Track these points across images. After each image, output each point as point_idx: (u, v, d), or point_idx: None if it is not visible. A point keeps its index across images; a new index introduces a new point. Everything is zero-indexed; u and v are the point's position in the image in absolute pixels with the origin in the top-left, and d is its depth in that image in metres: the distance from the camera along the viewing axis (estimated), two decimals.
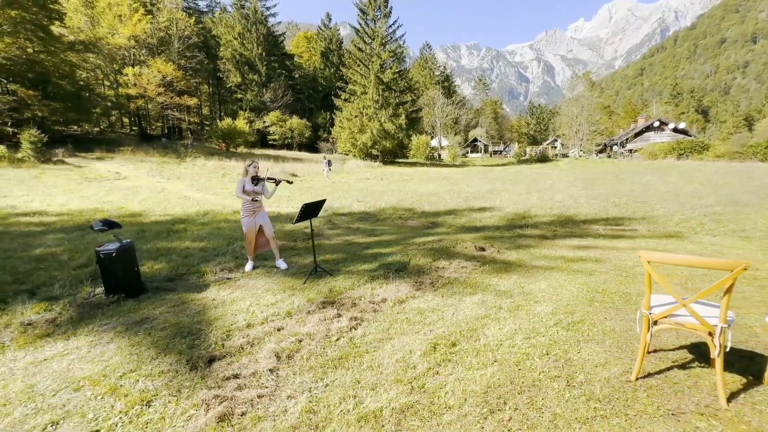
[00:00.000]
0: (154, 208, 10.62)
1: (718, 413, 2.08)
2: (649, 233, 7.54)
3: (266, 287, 4.53)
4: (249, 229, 5.10)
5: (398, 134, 35.04)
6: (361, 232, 7.88)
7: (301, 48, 60.01)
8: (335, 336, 3.26)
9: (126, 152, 26.50)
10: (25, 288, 4.47)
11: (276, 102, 47.05)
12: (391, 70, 35.38)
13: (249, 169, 5.14)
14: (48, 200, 10.94)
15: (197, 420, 2.23)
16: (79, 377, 2.74)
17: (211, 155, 29.96)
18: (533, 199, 13.19)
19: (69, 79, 29.50)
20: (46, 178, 15.56)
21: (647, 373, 2.52)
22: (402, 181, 21.39)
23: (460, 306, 3.86)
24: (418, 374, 2.63)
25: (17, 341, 3.31)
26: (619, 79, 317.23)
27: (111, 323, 3.64)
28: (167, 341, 3.23)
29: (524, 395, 2.30)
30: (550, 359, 2.74)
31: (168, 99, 37.00)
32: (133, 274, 4.34)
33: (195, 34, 45.11)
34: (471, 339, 3.12)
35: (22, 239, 6.81)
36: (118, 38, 37.04)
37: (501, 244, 6.54)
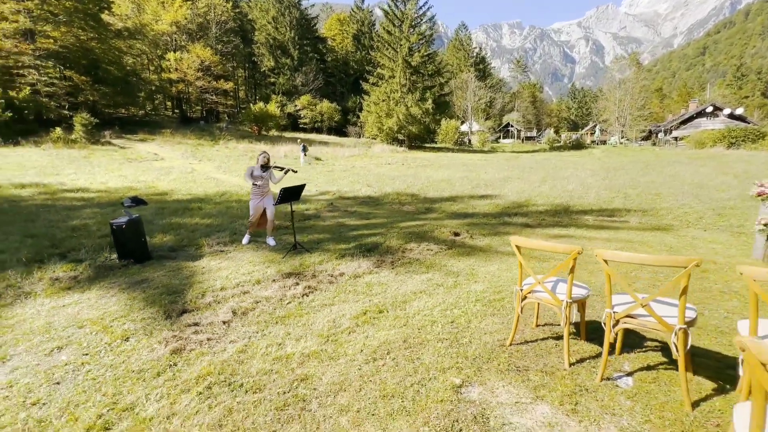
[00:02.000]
0: (180, 187, 11.73)
1: (557, 372, 2.50)
2: (638, 225, 7.57)
3: (250, 259, 5.24)
4: (255, 210, 5.84)
5: (425, 119, 34.89)
6: (356, 215, 8.46)
7: (333, 31, 60.21)
8: (288, 300, 3.89)
9: (166, 134, 28.43)
10: (59, 251, 5.45)
11: (307, 86, 47.93)
12: (420, 53, 35.00)
13: (259, 158, 5.83)
14: (91, 178, 12.36)
15: (157, 352, 2.94)
16: (84, 319, 3.55)
17: (242, 138, 31.44)
18: (543, 187, 13.16)
19: (117, 65, 31.74)
20: (93, 158, 17.29)
21: (524, 341, 2.95)
22: (420, 167, 21.64)
23: (407, 282, 4.37)
24: (338, 332, 3.20)
25: (46, 291, 4.20)
26: (677, 58, 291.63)
27: (117, 282, 4.47)
28: (155, 297, 3.99)
29: (408, 350, 2.82)
30: (451, 326, 3.21)
31: (206, 83, 38.80)
32: (140, 243, 5.18)
33: (232, 19, 46.58)
34: (397, 308, 3.64)
35: (64, 212, 7.97)
36: (161, 24, 39.04)
37: (480, 230, 6.89)
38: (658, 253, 5.50)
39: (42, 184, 10.83)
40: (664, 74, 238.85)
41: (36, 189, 10.26)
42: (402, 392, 2.29)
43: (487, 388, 2.33)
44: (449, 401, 2.19)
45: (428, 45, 36.59)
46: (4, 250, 5.42)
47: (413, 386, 2.35)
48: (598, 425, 1.99)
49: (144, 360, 2.84)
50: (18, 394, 2.47)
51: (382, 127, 35.86)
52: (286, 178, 6.30)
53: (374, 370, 2.56)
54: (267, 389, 2.41)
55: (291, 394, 2.34)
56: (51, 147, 19.11)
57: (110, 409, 2.30)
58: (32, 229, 6.55)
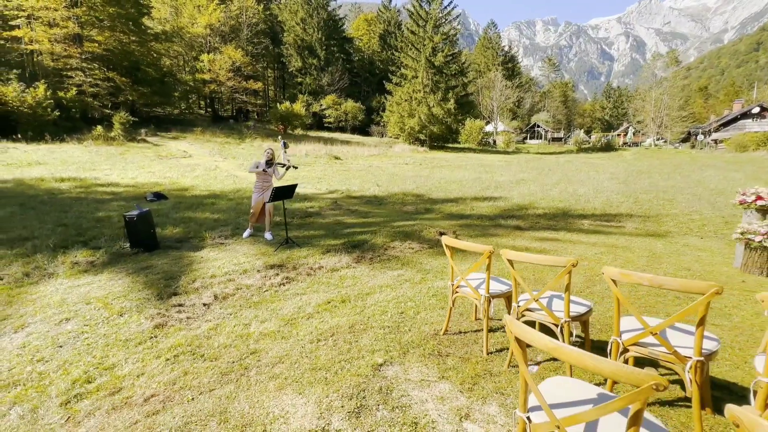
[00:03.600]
0: (201, 184, 12.57)
1: (473, 358, 2.79)
2: (633, 231, 7.54)
3: (244, 252, 5.76)
4: (256, 203, 6.39)
5: (446, 119, 34.88)
6: (356, 214, 8.87)
7: (361, 31, 60.94)
8: (266, 289, 4.35)
9: (197, 133, 29.95)
10: (82, 239, 6.19)
11: (333, 85, 48.87)
12: (443, 53, 34.99)
13: (265, 154, 6.39)
14: (123, 174, 13.44)
15: (143, 326, 3.46)
16: (91, 297, 4.15)
17: (268, 137, 32.61)
18: (553, 191, 13.08)
19: (155, 67, 33.71)
20: (128, 155, 18.64)
21: (459, 331, 3.25)
22: (437, 167, 21.80)
23: (379, 277, 4.73)
24: (299, 317, 3.61)
25: (66, 273, 4.87)
26: (726, 55, 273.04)
27: (126, 267, 5.09)
28: (154, 281, 4.56)
29: (350, 334, 3.19)
30: (399, 316, 3.55)
31: (236, 83, 40.44)
32: (149, 234, 5.80)
33: (262, 20, 48.23)
34: (359, 299, 4.01)
35: (94, 204, 8.86)
36: (197, 27, 41.02)
37: (469, 231, 7.13)
38: (638, 259, 5.57)
39: (79, 179, 11.95)
40: (711, 72, 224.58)
41: (73, 183, 11.34)
42: (328, 367, 2.67)
43: (403, 368, 2.66)
44: (365, 376, 2.55)
45: (452, 45, 36.50)
46: (39, 236, 6.21)
47: (340, 363, 2.73)
48: (483, 400, 2.29)
49: (131, 332, 3.37)
50: (28, 353, 3.04)
51: (403, 127, 36.16)
52: (286, 175, 6.79)
53: (313, 349, 2.95)
54: (221, 359, 2.85)
55: (238, 363, 2.77)
56: (92, 144, 20.73)
57: (95, 368, 2.81)
58: (64, 219, 7.39)
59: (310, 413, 2.17)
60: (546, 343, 1.22)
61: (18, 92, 21.66)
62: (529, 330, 1.29)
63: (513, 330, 1.33)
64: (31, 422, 2.23)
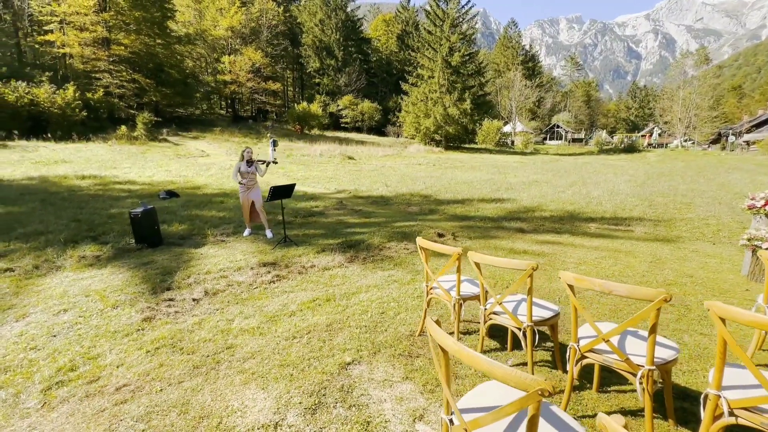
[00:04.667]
0: (213, 182, 12.90)
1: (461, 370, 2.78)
2: (640, 235, 7.31)
3: (242, 249, 5.90)
4: (243, 202, 6.53)
5: (462, 119, 34.55)
6: (359, 214, 8.92)
7: (379, 31, 61.09)
8: (256, 286, 4.45)
9: (216, 132, 30.71)
10: (92, 235, 6.47)
11: (350, 86, 49.20)
12: (460, 53, 34.66)
13: (244, 154, 6.51)
14: (141, 172, 13.94)
15: (132, 318, 3.60)
16: (91, 290, 4.34)
17: (284, 137, 33.11)
18: (566, 193, 12.80)
19: (178, 68, 34.75)
20: (149, 154, 19.31)
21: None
22: (449, 168, 21.64)
23: (369, 277, 4.76)
24: (282, 314, 3.68)
25: (72, 267, 5.11)
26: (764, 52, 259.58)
27: (129, 262, 5.30)
28: (151, 276, 4.73)
29: (326, 332, 3.23)
30: (379, 316, 3.57)
31: (255, 84, 41.29)
32: (154, 231, 6.01)
33: (282, 22, 49.04)
34: (344, 299, 4.05)
35: (109, 201, 9.23)
36: (219, 30, 42.06)
37: (469, 233, 7.07)
38: (639, 264, 5.40)
39: (99, 176, 12.46)
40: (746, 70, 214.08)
41: (93, 180, 11.85)
42: (297, 364, 2.72)
43: (370, 367, 2.69)
44: (330, 374, 2.58)
45: (469, 44, 36.13)
46: (53, 231, 6.53)
47: (309, 360, 2.77)
48: (441, 402, 2.28)
49: (121, 324, 3.51)
50: (24, 341, 3.22)
51: (419, 128, 36.04)
52: (270, 175, 6.89)
53: (287, 346, 3.01)
54: (197, 353, 2.95)
55: (212, 357, 2.86)
56: (116, 143, 21.56)
57: (81, 357, 2.96)
58: (79, 214, 7.74)
59: (267, 408, 2.23)
60: (450, 345, 1.23)
61: (49, 94, 22.77)
62: (439, 332, 1.29)
63: (431, 333, 1.34)
64: (12, 406, 2.37)
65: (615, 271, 5.08)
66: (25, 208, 8.25)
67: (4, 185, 10.65)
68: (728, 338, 1.48)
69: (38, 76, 25.31)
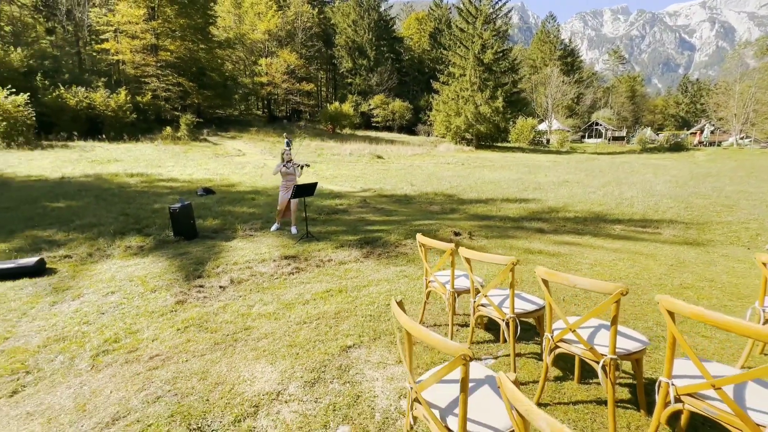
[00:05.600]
0: (247, 180, 13.64)
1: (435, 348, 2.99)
2: (669, 238, 7.07)
3: (268, 243, 6.33)
4: (282, 201, 6.98)
5: (494, 118, 33.98)
6: (381, 212, 9.19)
7: (411, 30, 61.08)
8: (276, 276, 4.83)
9: (252, 132, 32.07)
10: (137, 227, 7.16)
11: (381, 85, 49.64)
12: (493, 50, 34.09)
13: (284, 156, 6.97)
14: (182, 170, 14.96)
15: (167, 301, 4.07)
16: (134, 275, 4.90)
17: (317, 136, 34.04)
18: (596, 193, 12.43)
19: (218, 72, 36.57)
20: (190, 153, 20.59)
21: (435, 324, 3.45)
22: (478, 167, 21.46)
23: (382, 271, 5.02)
24: (297, 302, 4.02)
25: (119, 255, 5.74)
26: None
27: (167, 252, 5.87)
28: (186, 265, 5.24)
29: (334, 320, 3.52)
30: (386, 307, 3.82)
31: (290, 85, 42.64)
32: (190, 225, 6.58)
33: (316, 24, 50.26)
34: (355, 290, 4.34)
35: (153, 197, 10.07)
36: (256, 33, 43.78)
37: (486, 232, 7.16)
38: (658, 267, 5.30)
39: (145, 174, 13.54)
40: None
41: (140, 178, 12.90)
42: (303, 345, 3.03)
43: (369, 351, 2.94)
44: (331, 355, 2.87)
45: (503, 41, 35.42)
46: (104, 224, 7.29)
47: (314, 342, 3.07)
48: None
49: (157, 305, 3.98)
50: (78, 317, 3.75)
51: (449, 126, 35.85)
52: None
53: (297, 329, 3.33)
54: (219, 332, 3.33)
55: (231, 336, 3.23)
56: (161, 143, 23.13)
57: (123, 331, 3.42)
58: (127, 209, 8.54)
59: (273, 380, 2.54)
60: (405, 321, 1.45)
61: (104, 98, 24.79)
62: (398, 311, 1.52)
63: (393, 312, 1.57)
64: (68, 367, 2.84)
65: (630, 273, 5.03)
66: (82, 203, 9.19)
67: (65, 182, 11.85)
68: (674, 331, 1.61)
69: (95, 81, 27.56)
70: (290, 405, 2.28)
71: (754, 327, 1.36)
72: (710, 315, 1.46)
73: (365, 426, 2.12)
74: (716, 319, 1.45)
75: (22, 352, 3.09)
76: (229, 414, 2.20)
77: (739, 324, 1.39)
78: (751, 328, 1.36)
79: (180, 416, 2.17)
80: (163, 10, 31.22)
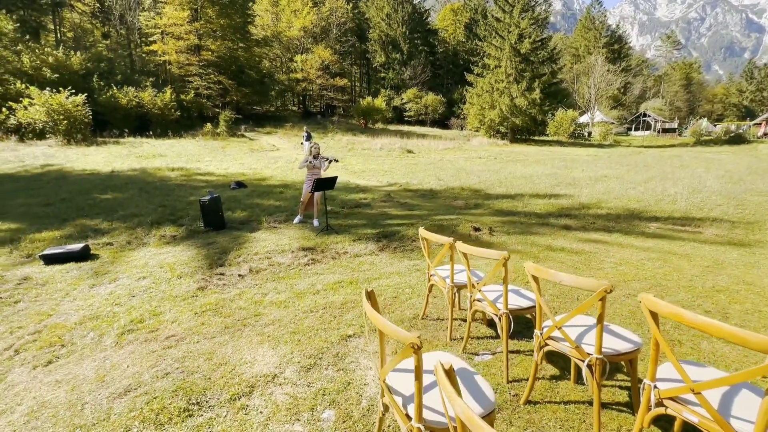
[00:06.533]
0: (278, 174, 14.10)
1: (433, 341, 3.01)
2: (710, 238, 6.58)
3: (290, 235, 6.56)
4: (306, 194, 7.21)
5: (531, 110, 32.77)
6: (404, 207, 9.21)
7: (447, 21, 59.90)
8: (293, 267, 5.02)
9: (287, 128, 32.96)
10: (173, 218, 7.65)
11: (414, 79, 49.23)
12: (530, 39, 32.76)
13: (313, 150, 7.19)
14: (218, 165, 15.71)
15: (190, 287, 4.35)
16: (165, 262, 5.26)
17: (349, 131, 34.40)
18: (636, 189, 11.73)
19: (256, 69, 37.81)
20: (227, 149, 21.54)
21: (438, 318, 3.46)
22: (510, 162, 20.85)
23: (395, 265, 5.07)
24: (308, 292, 4.16)
25: (154, 243, 6.18)
26: None
27: (197, 242, 6.24)
28: (211, 254, 5.56)
29: (339, 310, 3.62)
30: (392, 300, 3.88)
31: (324, 81, 43.34)
32: (218, 216, 6.94)
33: (350, 19, 50.60)
34: (365, 282, 4.42)
35: (190, 190, 10.67)
36: (293, 30, 44.79)
37: (507, 228, 7.00)
38: (691, 268, 4.97)
39: (185, 168, 14.36)
40: None
41: (180, 172, 13.70)
42: (306, 332, 3.15)
43: (367, 341, 3.01)
44: (331, 343, 2.97)
45: (541, 29, 33.94)
46: (143, 214, 7.85)
47: (316, 330, 3.18)
48: None
49: (181, 291, 4.27)
50: (111, 298, 4.11)
51: (483, 120, 34.99)
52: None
53: (303, 317, 3.46)
54: (231, 317, 3.53)
55: (241, 321, 3.42)
56: (201, 139, 24.35)
57: (148, 313, 3.72)
58: (165, 201, 9.13)
59: (272, 363, 2.68)
60: (368, 311, 1.50)
61: (151, 96, 26.43)
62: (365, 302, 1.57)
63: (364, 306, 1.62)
64: (97, 342, 3.13)
65: (658, 274, 4.75)
66: (127, 195, 9.93)
67: (114, 176, 12.83)
68: (655, 332, 1.54)
69: (144, 81, 29.42)
70: (284, 387, 2.40)
71: (729, 328, 1.28)
72: (687, 316, 1.39)
73: (350, 412, 2.20)
74: (693, 321, 1.38)
75: (61, 327, 3.44)
76: (226, 392, 2.35)
77: (713, 325, 1.32)
78: (724, 329, 1.29)
79: (183, 391, 2.36)
80: (205, 11, 32.65)
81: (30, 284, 4.51)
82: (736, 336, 1.27)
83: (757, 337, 1.23)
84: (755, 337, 1.23)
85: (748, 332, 1.25)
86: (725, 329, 1.29)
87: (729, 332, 1.28)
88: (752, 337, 1.24)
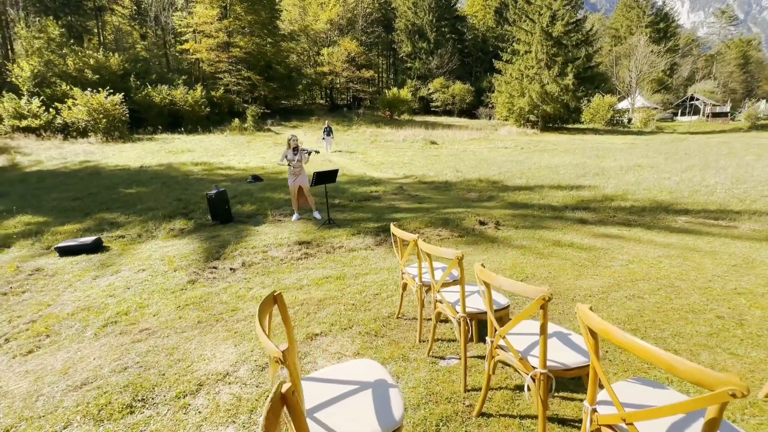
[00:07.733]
0: None
1: (401, 342, 2.87)
2: (744, 233, 5.94)
3: (291, 229, 6.58)
4: (292, 188, 7.19)
5: (563, 96, 31.18)
6: (414, 199, 9.01)
7: (476, 6, 57.90)
8: (285, 261, 5.01)
9: (312, 122, 33.30)
10: (185, 211, 7.89)
11: (441, 68, 48.13)
12: (563, 21, 31.04)
13: (290, 143, 7.13)
14: (240, 159, 16.10)
15: (182, 279, 4.44)
16: (167, 255, 5.41)
17: (373, 123, 34.26)
18: (670, 180, 10.85)
19: (283, 64, 38.35)
20: (253, 143, 22.04)
21: (414, 317, 3.31)
22: (537, 152, 19.98)
23: (388, 260, 4.94)
24: (293, 287, 4.13)
25: (162, 237, 6.38)
26: None
27: (202, 235, 6.39)
28: (211, 247, 5.66)
29: (315, 306, 3.55)
30: (373, 297, 3.76)
31: (350, 73, 43.30)
32: (225, 210, 7.08)
33: (376, 10, 50.08)
34: (352, 278, 4.33)
35: (209, 183, 10.98)
36: (319, 24, 44.98)
37: (517, 221, 6.67)
38: (715, 267, 4.50)
39: (208, 163, 14.82)
40: None
41: (203, 166, 14.16)
42: (274, 329, 3.10)
43: (333, 340, 2.93)
44: (294, 342, 2.90)
45: (575, 10, 32.05)
46: (159, 208, 8.15)
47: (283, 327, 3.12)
48: None
49: (173, 283, 4.37)
50: (108, 290, 4.26)
51: (512, 108, 33.72)
52: (312, 161, 7.34)
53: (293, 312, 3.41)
54: (209, 311, 3.56)
55: (216, 316, 3.43)
56: (229, 134, 25.07)
57: (136, 305, 3.82)
58: (182, 195, 9.45)
59: (228, 361, 2.65)
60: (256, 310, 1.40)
61: (183, 94, 27.48)
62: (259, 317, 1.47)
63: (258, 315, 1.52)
64: (78, 334, 3.25)
65: (673, 273, 4.33)
66: (150, 189, 10.37)
67: (142, 171, 13.45)
68: (591, 351, 1.34)
69: (176, 79, 30.62)
70: (232, 387, 2.37)
71: (656, 352, 1.06)
72: (615, 333, 1.19)
73: None
74: (621, 339, 1.17)
75: (54, 318, 3.60)
76: (174, 389, 2.35)
77: (641, 346, 1.11)
78: (651, 352, 1.07)
79: (132, 387, 2.38)
80: (234, 9, 33.36)
81: (40, 275, 4.77)
82: (663, 361, 1.06)
83: (684, 365, 1.01)
84: (683, 365, 1.02)
85: (676, 358, 1.03)
86: (652, 352, 1.08)
87: (656, 356, 1.07)
88: (680, 365, 1.02)
